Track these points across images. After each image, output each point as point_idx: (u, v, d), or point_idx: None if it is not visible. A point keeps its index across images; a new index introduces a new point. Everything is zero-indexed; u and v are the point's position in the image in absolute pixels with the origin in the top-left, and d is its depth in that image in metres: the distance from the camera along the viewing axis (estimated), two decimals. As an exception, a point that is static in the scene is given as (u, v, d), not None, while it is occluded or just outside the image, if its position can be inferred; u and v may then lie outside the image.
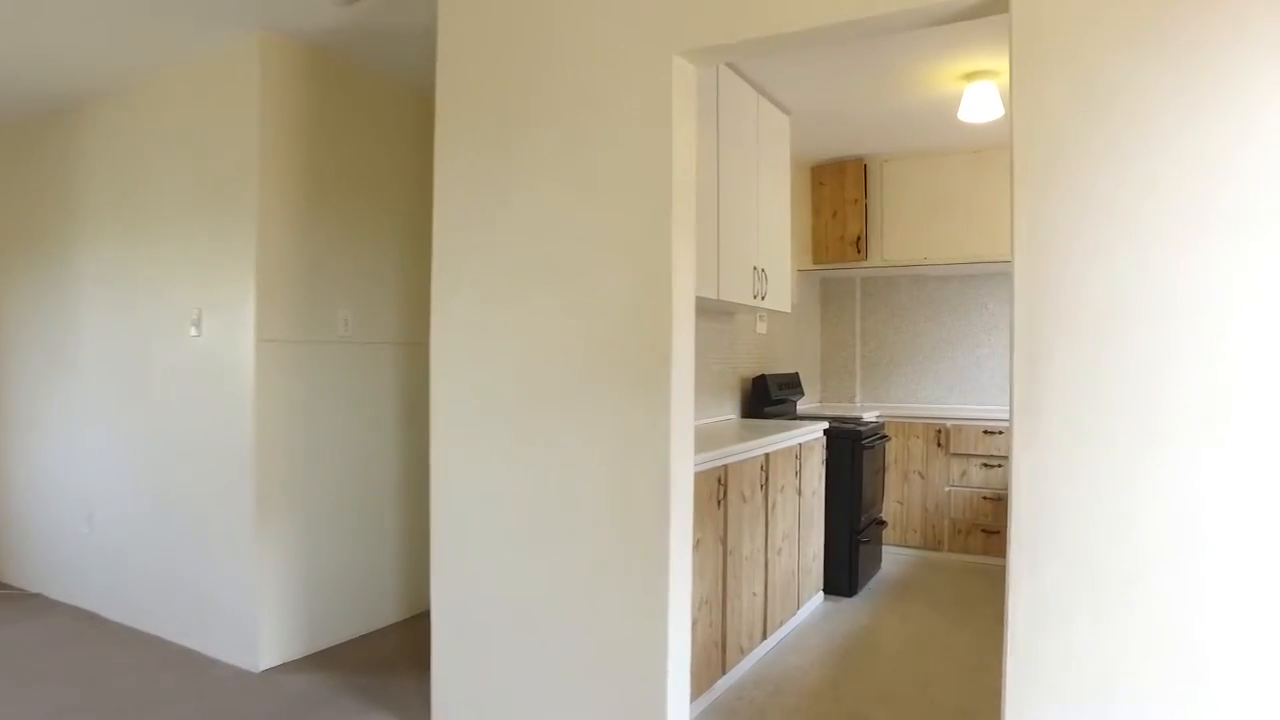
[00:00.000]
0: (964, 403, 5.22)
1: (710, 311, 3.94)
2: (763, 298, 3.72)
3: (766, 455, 3.23)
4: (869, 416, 4.75)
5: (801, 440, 3.64)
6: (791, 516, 3.53)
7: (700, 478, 2.67)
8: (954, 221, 4.75)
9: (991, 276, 5.14)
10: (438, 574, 2.53)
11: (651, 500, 2.15)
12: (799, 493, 3.62)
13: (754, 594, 3.15)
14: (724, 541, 2.87)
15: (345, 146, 3.44)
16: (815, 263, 5.12)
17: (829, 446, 4.06)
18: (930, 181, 4.83)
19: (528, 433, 2.33)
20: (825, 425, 3.97)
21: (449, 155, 2.51)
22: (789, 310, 4.09)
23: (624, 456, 2.19)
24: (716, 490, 2.80)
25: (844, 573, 4.07)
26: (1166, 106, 1.58)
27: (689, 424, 2.24)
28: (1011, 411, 1.73)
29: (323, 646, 3.34)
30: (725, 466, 2.86)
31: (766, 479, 3.23)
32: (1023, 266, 1.71)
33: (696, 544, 2.67)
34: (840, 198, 5.02)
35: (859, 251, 4.94)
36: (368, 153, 3.54)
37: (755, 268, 3.65)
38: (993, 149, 4.65)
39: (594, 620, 2.25)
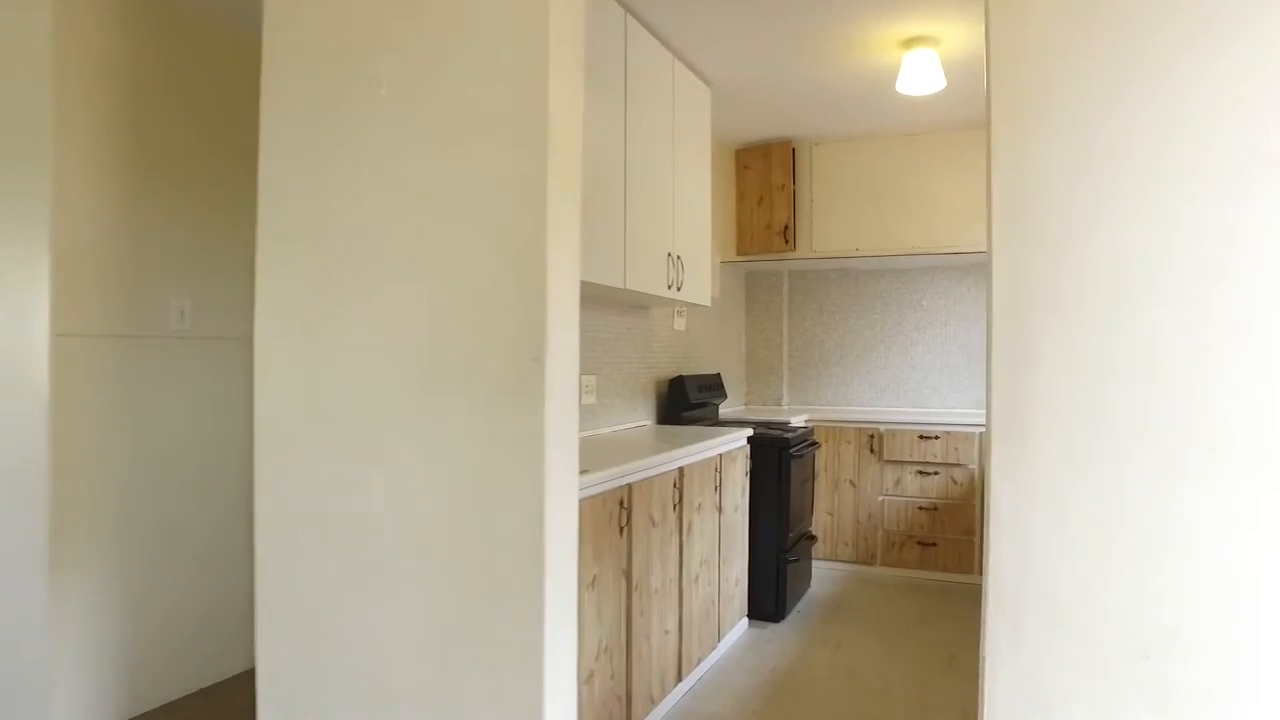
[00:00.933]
0: (898, 405, 4.90)
1: (620, 304, 3.48)
2: (678, 288, 3.28)
3: (681, 470, 2.79)
4: (797, 421, 4.36)
5: (722, 450, 3.21)
6: (711, 538, 3.09)
7: (596, 502, 2.20)
8: (887, 211, 4.40)
9: (927, 270, 4.82)
10: (263, 628, 2.00)
11: (521, 537, 1.67)
12: (719, 510, 3.18)
13: (666, 631, 2.70)
14: (628, 575, 2.41)
15: (186, 106, 2.85)
16: (740, 253, 4.71)
17: (753, 456, 3.64)
18: (863, 167, 4.47)
19: (362, 452, 1.82)
20: (749, 432, 3.56)
21: (276, 104, 1.97)
22: (709, 304, 3.66)
23: (484, 482, 1.70)
24: (618, 514, 2.34)
25: (771, 595, 3.66)
26: (1196, 21, 1.18)
27: (571, 439, 1.77)
28: (988, 428, 1.30)
29: (147, 709, 2.74)
30: (629, 486, 2.40)
31: (681, 497, 2.79)
32: (1004, 240, 1.29)
33: (592, 581, 2.20)
34: (767, 183, 4.63)
35: (787, 242, 4.56)
36: (214, 115, 2.95)
37: (670, 255, 3.20)
38: (928, 133, 4.32)
39: (452, 693, 1.75)
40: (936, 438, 4.28)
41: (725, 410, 4.77)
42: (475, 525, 1.72)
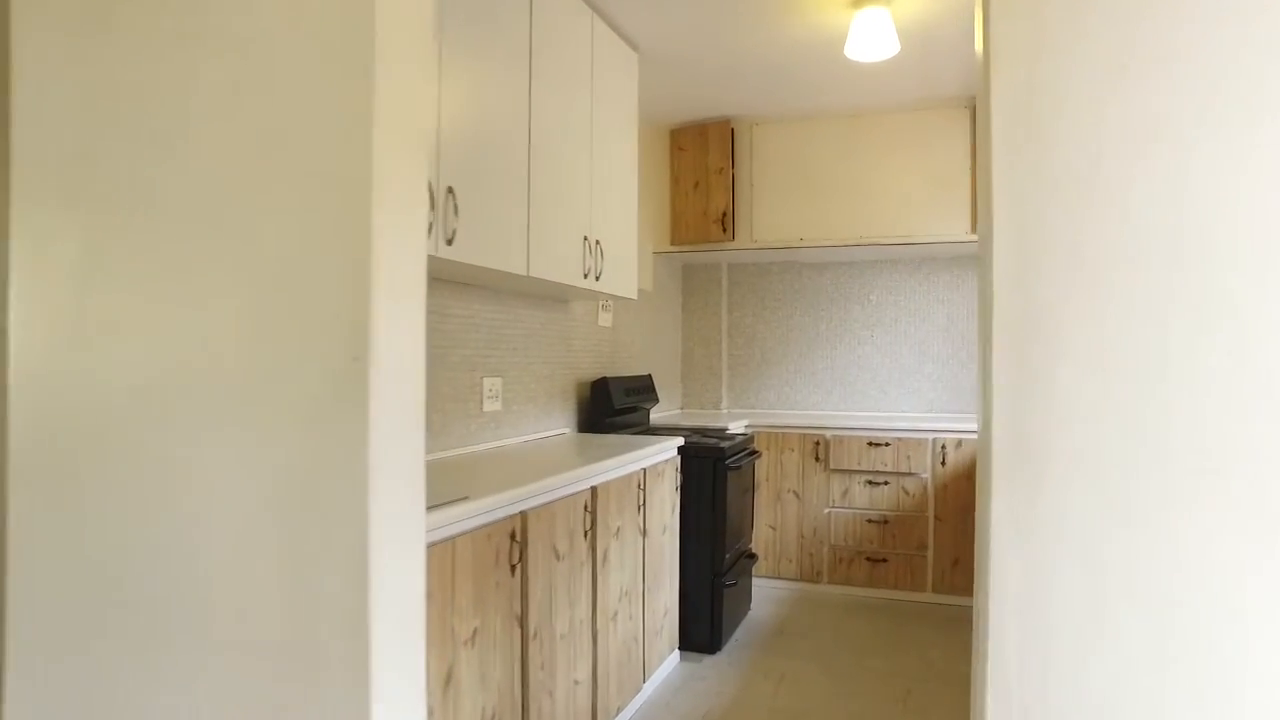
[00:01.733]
0: (845, 408, 4.54)
1: (532, 296, 3.03)
2: (597, 278, 2.85)
3: (594, 490, 2.36)
4: (735, 427, 3.97)
5: (647, 464, 2.78)
6: (633, 566, 2.67)
7: (478, 537, 1.76)
8: (833, 198, 4.04)
9: (875, 264, 4.48)
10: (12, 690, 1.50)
11: (342, 599, 1.22)
12: (644, 533, 2.76)
13: (576, 682, 2.27)
14: (523, 621, 1.97)
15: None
16: (675, 243, 4.30)
17: (685, 468, 3.23)
18: (807, 150, 4.10)
19: (149, 483, 1.34)
20: (680, 441, 3.14)
21: (29, 21, 1.48)
22: (635, 297, 3.24)
23: (297, 525, 1.24)
24: (509, 550, 1.90)
25: (705, 624, 3.26)
26: None
27: (411, 463, 1.31)
28: (984, 463, 0.89)
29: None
30: (524, 514, 1.96)
31: (594, 521, 2.36)
32: (1007, 182, 0.88)
33: (472, 637, 1.75)
34: (703, 166, 4.23)
35: (725, 230, 4.16)
36: None
37: (588, 240, 2.77)
38: (878, 114, 3.97)
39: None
40: (887, 445, 3.93)
41: (658, 415, 4.36)
42: (287, 584, 1.26)
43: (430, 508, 1.52)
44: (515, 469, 2.24)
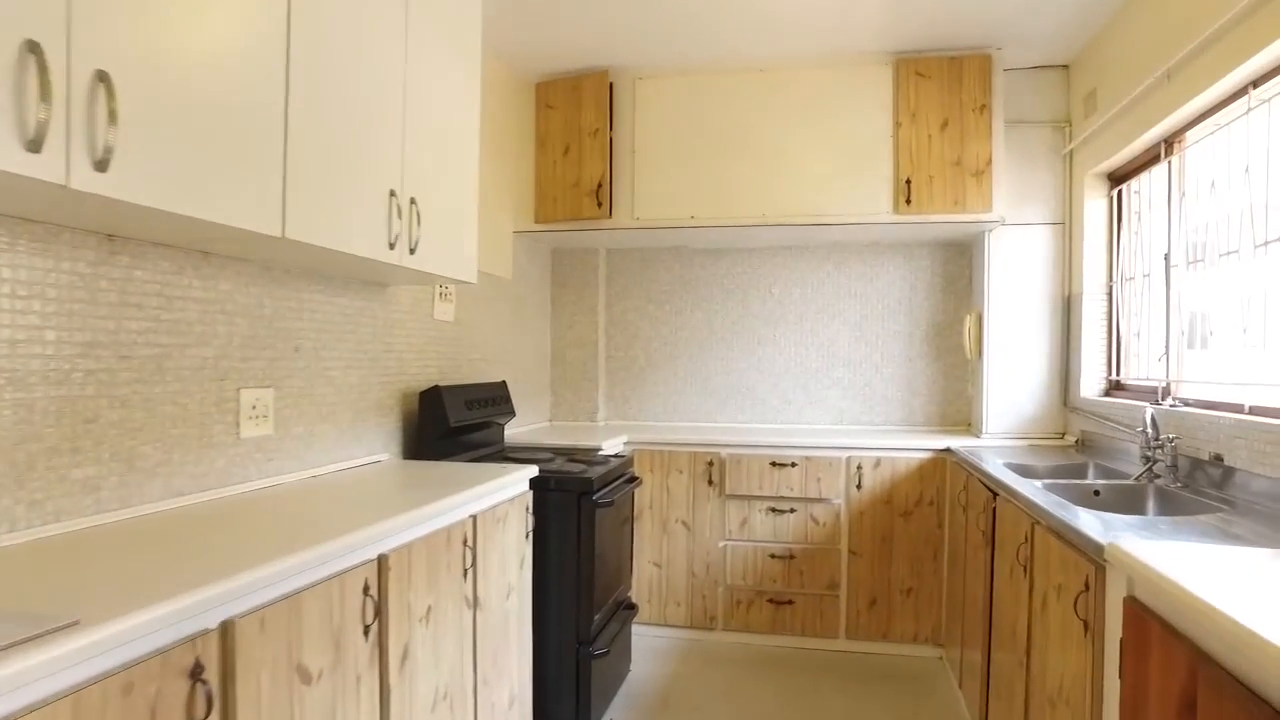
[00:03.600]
0: (744, 420, 3.89)
1: (325, 274, 2.19)
2: (411, 250, 2.05)
3: (382, 560, 1.56)
4: (612, 446, 3.23)
5: (479, 508, 2.00)
6: (455, 656, 1.88)
7: (115, 687, 0.93)
8: (732, 169, 3.36)
9: (780, 250, 3.85)
10: None
11: None
12: (474, 605, 1.98)
13: None
14: (227, 809, 1.15)
15: None
16: (540, 221, 3.53)
17: (542, 505, 2.47)
18: (702, 110, 3.41)
19: None
20: (533, 471, 2.38)
21: None
22: (473, 279, 2.44)
23: None
24: (187, 698, 1.08)
25: (570, 705, 2.50)
26: None
27: None
28: None
29: None
30: (227, 626, 1.15)
31: (381, 608, 1.56)
32: None
33: None
34: (575, 127, 3.47)
35: (600, 205, 3.42)
36: None
37: (395, 196, 1.96)
38: (788, 67, 3.32)
39: None
40: (793, 465, 3.28)
41: (520, 430, 3.57)
42: None
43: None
44: (249, 533, 1.42)
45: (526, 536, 2.33)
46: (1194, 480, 2.18)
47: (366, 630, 1.50)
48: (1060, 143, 3.28)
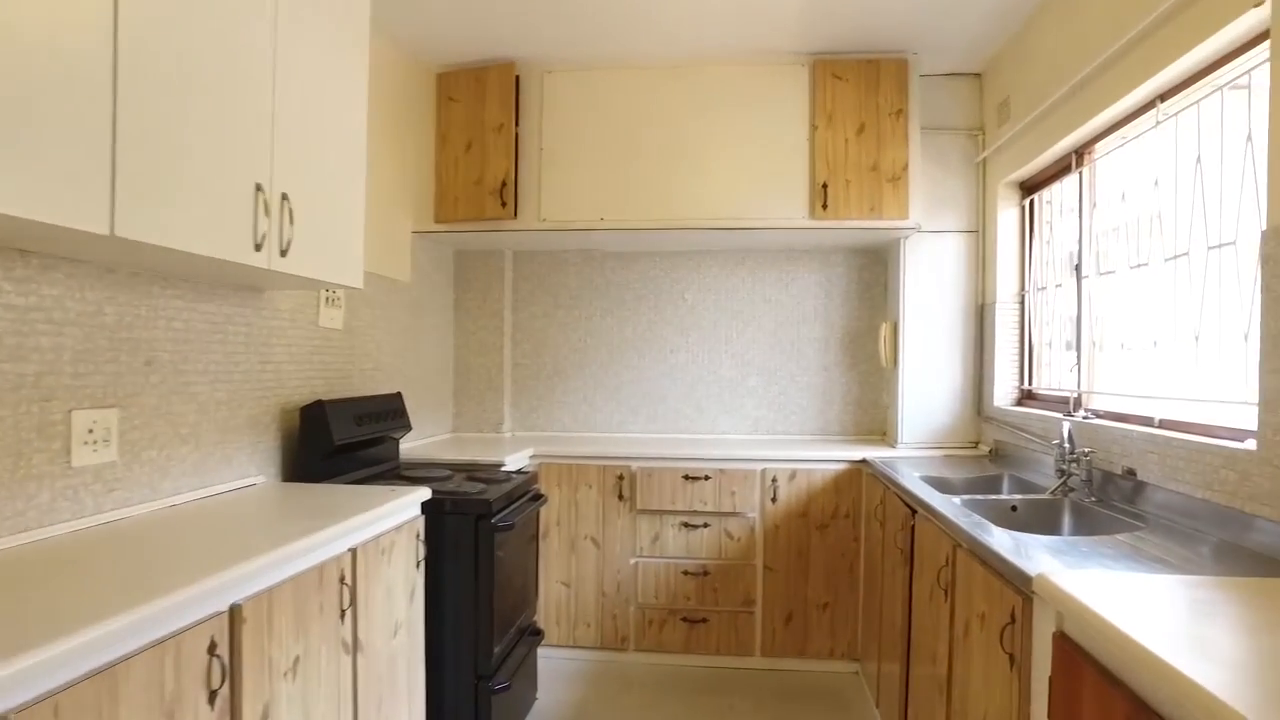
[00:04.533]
0: (656, 430, 3.75)
1: (182, 276, 1.93)
2: (284, 252, 1.81)
3: (235, 610, 1.34)
4: (517, 460, 3.05)
5: (361, 539, 1.79)
6: (329, 709, 1.66)
7: None
8: (645, 169, 3.22)
9: (694, 255, 3.73)
10: None
11: None
12: (353, 649, 1.76)
13: None
14: None
15: None
16: (441, 221, 3.31)
17: (436, 529, 2.26)
18: (613, 107, 3.25)
19: None
20: (425, 494, 2.17)
21: None
22: (359, 284, 2.22)
23: None
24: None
25: (466, 747, 2.30)
26: None
27: None
28: None
29: None
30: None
31: (236, 663, 1.34)
32: None
33: None
34: (479, 122, 3.27)
35: (504, 205, 3.22)
36: None
37: (260, 189, 1.73)
38: (704, 64, 3.20)
39: None
40: (707, 478, 3.16)
41: (420, 443, 3.33)
42: None
43: None
44: (58, 589, 1.18)
45: (418, 565, 2.12)
46: (1107, 494, 2.15)
47: (213, 696, 1.28)
48: (974, 150, 3.27)
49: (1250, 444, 1.64)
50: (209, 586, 1.27)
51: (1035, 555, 1.51)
